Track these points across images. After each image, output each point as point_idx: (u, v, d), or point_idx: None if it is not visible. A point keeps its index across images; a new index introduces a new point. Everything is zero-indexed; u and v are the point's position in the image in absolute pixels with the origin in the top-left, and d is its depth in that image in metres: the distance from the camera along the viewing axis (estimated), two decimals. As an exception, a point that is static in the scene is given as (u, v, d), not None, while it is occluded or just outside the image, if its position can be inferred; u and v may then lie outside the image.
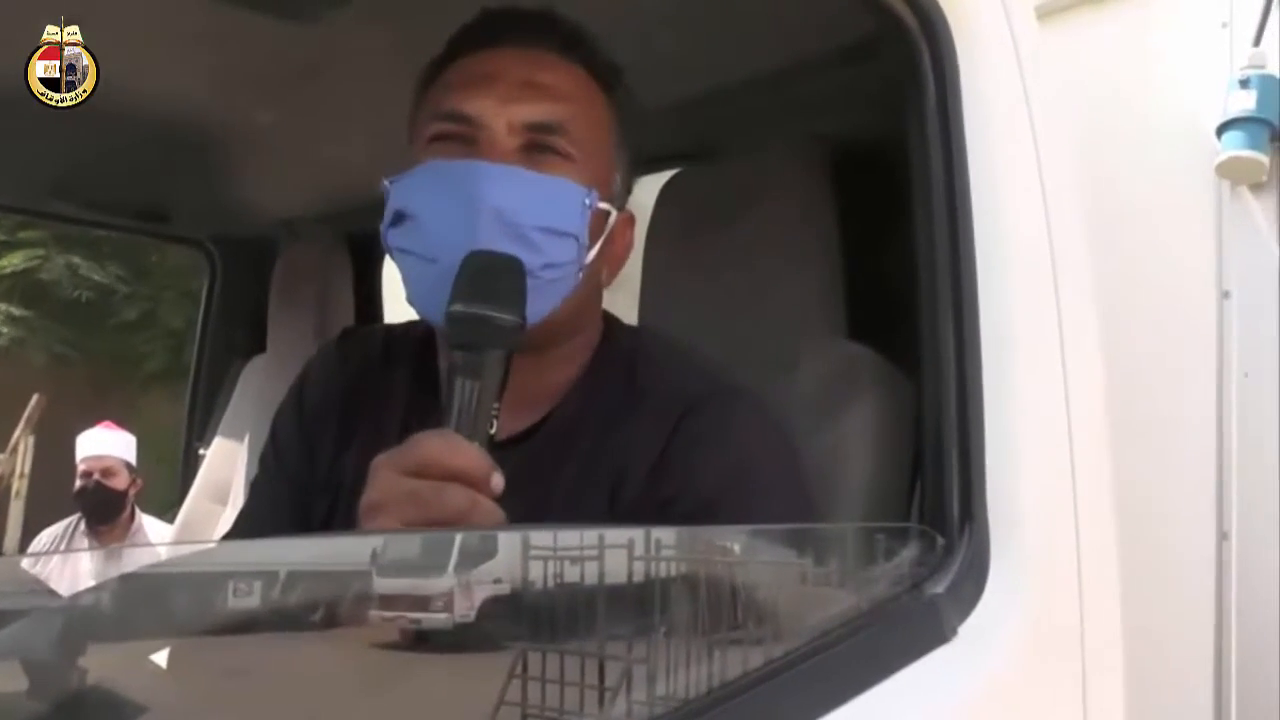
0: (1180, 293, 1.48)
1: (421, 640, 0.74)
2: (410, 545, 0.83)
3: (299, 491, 1.20)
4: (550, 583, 0.76)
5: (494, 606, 0.75)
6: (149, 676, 0.73)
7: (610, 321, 1.20)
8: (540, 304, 1.03)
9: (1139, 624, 1.13)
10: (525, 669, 0.75)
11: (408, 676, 0.76)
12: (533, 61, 1.09)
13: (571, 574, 0.76)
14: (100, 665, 0.70)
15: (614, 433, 1.09)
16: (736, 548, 0.91)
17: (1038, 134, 1.13)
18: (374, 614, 0.74)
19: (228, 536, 1.26)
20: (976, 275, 1.06)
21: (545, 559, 0.77)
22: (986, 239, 1.07)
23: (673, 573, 0.82)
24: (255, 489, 1.26)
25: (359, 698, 0.75)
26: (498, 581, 0.75)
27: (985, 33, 1.10)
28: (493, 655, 0.77)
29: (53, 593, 0.78)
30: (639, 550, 0.79)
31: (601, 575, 0.77)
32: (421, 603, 0.74)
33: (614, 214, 1.11)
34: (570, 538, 0.78)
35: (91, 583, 0.77)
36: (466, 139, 1.07)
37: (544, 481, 1.07)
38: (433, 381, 1.17)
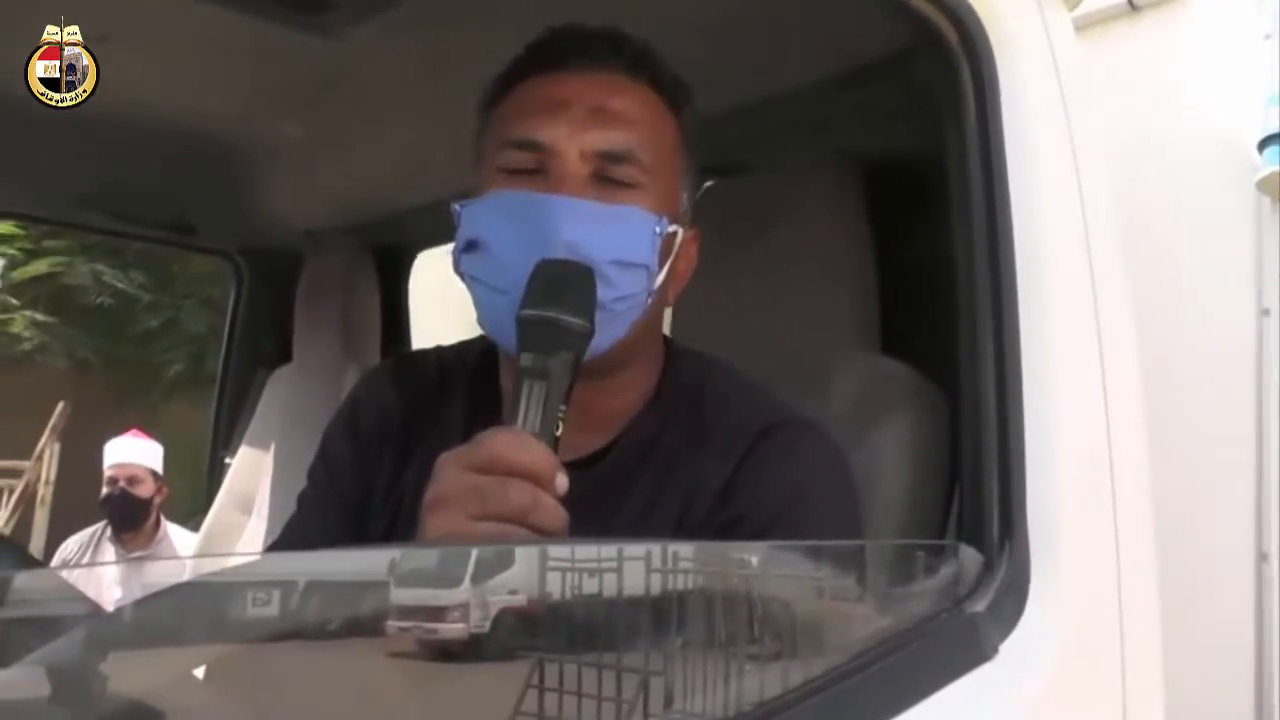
0: (1219, 310, 1.47)
1: (438, 651, 0.74)
2: (438, 556, 0.82)
3: (350, 509, 1.20)
4: (568, 594, 0.76)
5: (511, 617, 0.74)
6: (170, 684, 0.73)
7: (670, 344, 1.20)
8: (611, 333, 1.04)
9: (1179, 644, 1.12)
10: (542, 680, 0.74)
11: (425, 686, 0.76)
12: (603, 86, 1.09)
13: (589, 586, 0.76)
14: (121, 672, 0.71)
15: (684, 457, 1.10)
16: (763, 562, 0.90)
17: (1076, 148, 1.12)
18: (391, 624, 0.73)
19: (274, 547, 1.26)
20: (1016, 290, 1.05)
21: (563, 570, 0.77)
22: (1025, 253, 1.06)
23: (699, 587, 0.82)
24: (304, 504, 1.26)
25: (375, 708, 0.75)
26: (514, 592, 0.75)
27: (1024, 46, 1.10)
28: (509, 666, 0.76)
29: (86, 601, 0.79)
30: (656, 563, 0.79)
31: (620, 588, 0.77)
32: (439, 614, 0.74)
33: (680, 233, 1.11)
34: (588, 549, 0.78)
35: (119, 590, 0.77)
36: (538, 167, 1.07)
37: (614, 503, 1.08)
38: (492, 401, 1.18)
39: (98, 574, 2.78)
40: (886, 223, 1.43)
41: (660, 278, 1.09)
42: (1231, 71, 1.48)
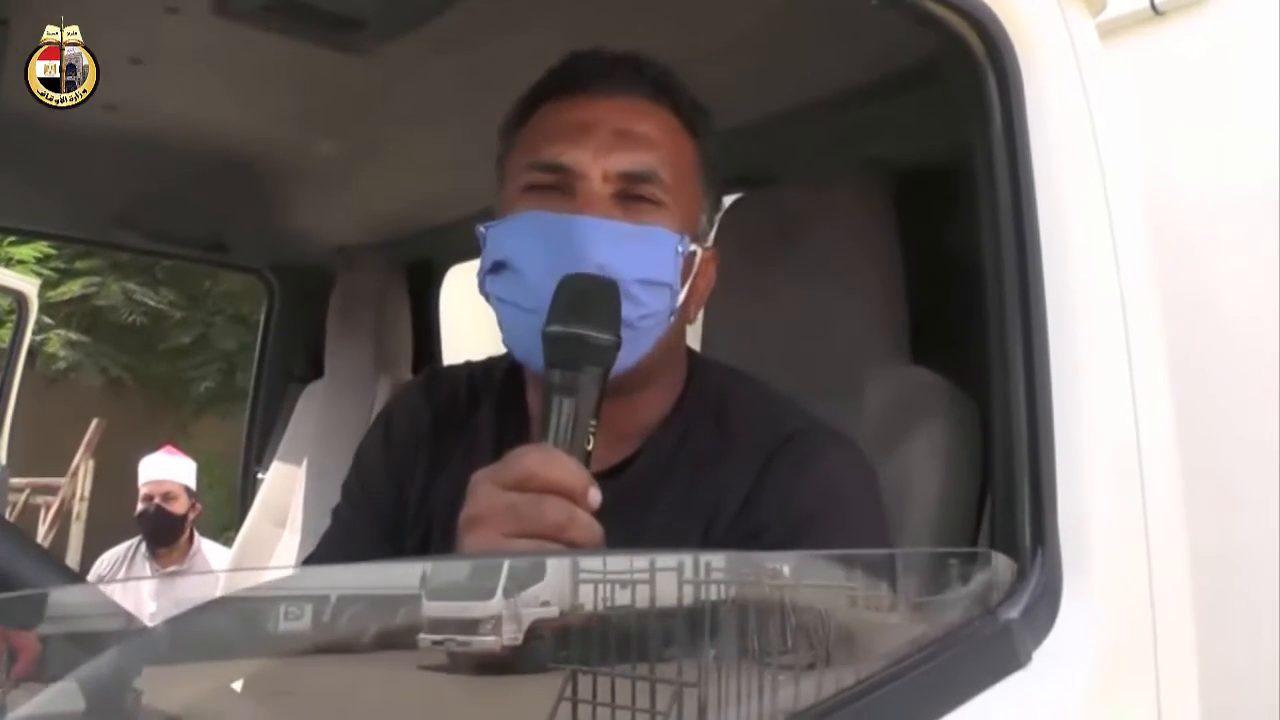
0: (1247, 312, 1.46)
1: (472, 663, 0.75)
2: (464, 565, 0.83)
3: (384, 522, 1.22)
4: (600, 606, 0.76)
5: (543, 629, 0.75)
6: (204, 699, 0.74)
7: (694, 357, 1.22)
8: (635, 351, 1.06)
9: (1210, 646, 1.12)
10: (575, 692, 0.75)
11: (458, 699, 0.77)
12: (625, 110, 1.11)
13: (622, 597, 0.76)
14: (155, 687, 0.71)
15: (707, 468, 1.11)
16: (794, 571, 0.91)
17: (1103, 154, 1.12)
18: (424, 638, 0.74)
19: (310, 560, 1.28)
20: (1045, 296, 1.05)
21: (595, 582, 0.77)
22: (1053, 259, 1.06)
23: (731, 598, 0.82)
24: (339, 517, 1.28)
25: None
26: (546, 604, 0.76)
27: (1048, 52, 1.10)
28: (543, 678, 0.76)
29: (124, 616, 0.80)
30: (688, 574, 0.79)
31: (653, 599, 0.77)
32: (471, 626, 0.74)
33: (699, 252, 1.13)
34: (620, 561, 0.78)
35: (157, 605, 0.78)
36: (562, 188, 1.09)
37: (639, 514, 1.09)
38: (518, 418, 1.20)
39: (135, 588, 2.81)
40: (915, 231, 1.43)
41: (682, 297, 1.11)
42: (1262, 74, 1.47)
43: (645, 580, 0.77)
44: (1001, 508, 1.04)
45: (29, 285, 3.49)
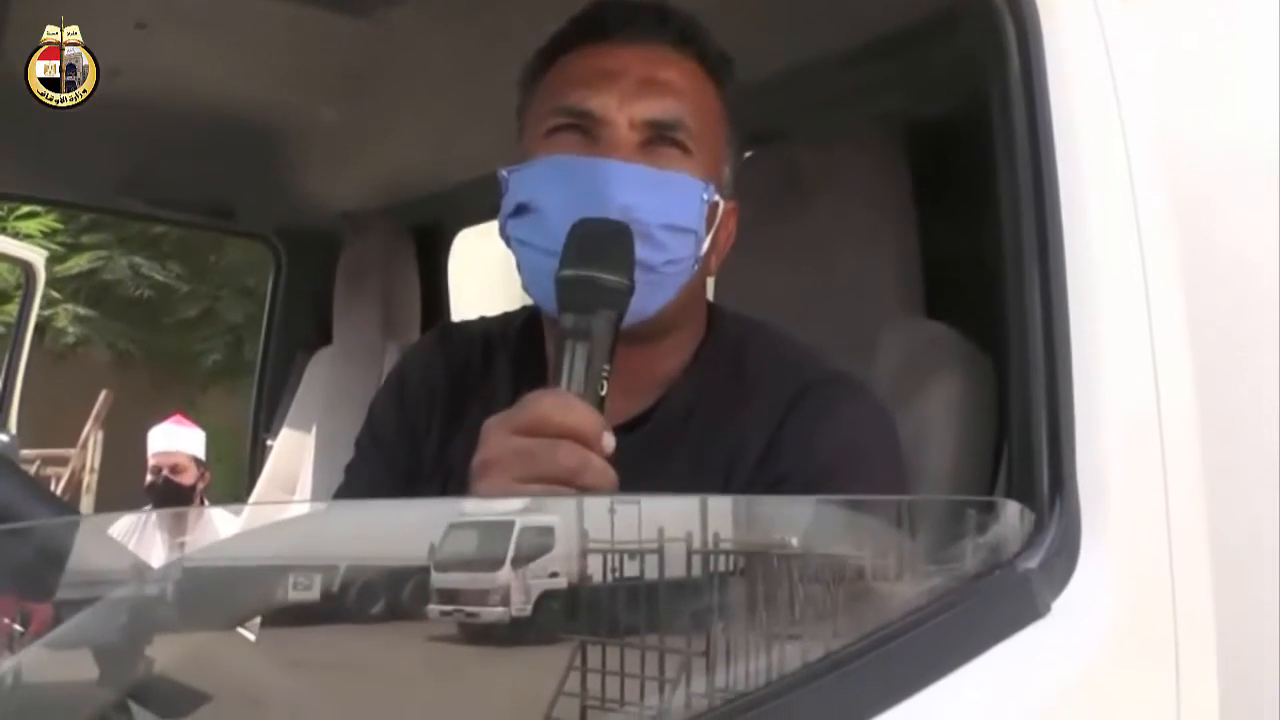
0: (1269, 270, 1.45)
1: (481, 633, 0.75)
2: (473, 536, 0.82)
3: (398, 477, 1.22)
4: (609, 575, 0.76)
5: (553, 599, 0.75)
6: (210, 666, 0.74)
7: (714, 308, 1.22)
8: (659, 297, 1.06)
9: (1229, 605, 1.11)
10: (584, 661, 0.75)
11: (467, 669, 0.77)
12: (651, 58, 1.11)
13: (630, 567, 0.76)
14: (164, 654, 0.72)
15: (726, 419, 1.11)
16: (812, 520, 0.90)
17: (1123, 105, 1.11)
18: (433, 607, 0.74)
19: None
20: (1064, 248, 1.04)
21: (604, 552, 0.77)
22: (1073, 213, 1.05)
23: (741, 562, 0.82)
24: (351, 473, 1.28)
25: (418, 690, 0.76)
26: (554, 575, 0.75)
27: (1069, 6, 1.09)
28: (552, 648, 0.77)
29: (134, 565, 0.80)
30: (697, 543, 0.79)
31: (661, 566, 0.77)
32: (480, 596, 0.74)
33: (722, 204, 1.12)
34: (628, 532, 0.78)
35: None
36: (587, 134, 1.09)
37: (658, 466, 1.08)
38: (537, 368, 1.19)
39: (148, 547, 2.82)
40: (929, 187, 1.42)
41: (705, 246, 1.11)
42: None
43: (654, 550, 0.77)
44: (1019, 457, 1.03)
45: (36, 255, 3.49)
